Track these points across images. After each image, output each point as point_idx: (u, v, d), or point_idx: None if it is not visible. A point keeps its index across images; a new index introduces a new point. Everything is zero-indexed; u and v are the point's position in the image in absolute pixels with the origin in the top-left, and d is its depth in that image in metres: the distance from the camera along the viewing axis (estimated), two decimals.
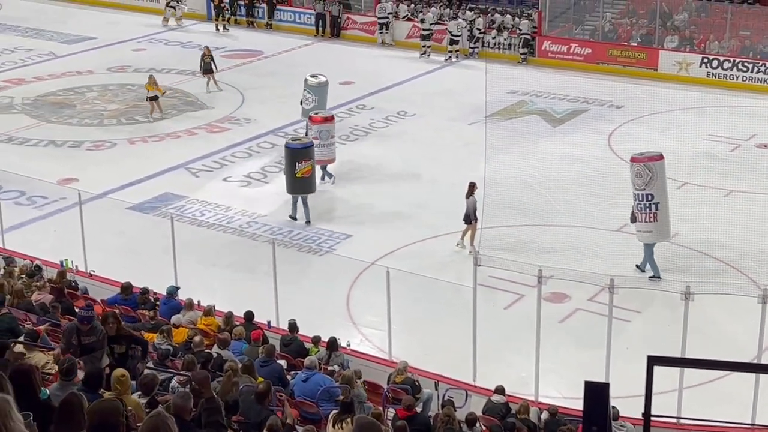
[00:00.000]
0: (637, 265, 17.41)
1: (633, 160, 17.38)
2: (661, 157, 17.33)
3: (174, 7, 36.04)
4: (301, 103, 24.16)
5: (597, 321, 14.68)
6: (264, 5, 36.06)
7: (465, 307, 14.29)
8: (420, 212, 19.97)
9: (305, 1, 36.21)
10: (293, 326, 14.04)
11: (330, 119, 21.72)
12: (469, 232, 18.28)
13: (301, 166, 19.67)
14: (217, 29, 35.69)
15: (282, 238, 18.58)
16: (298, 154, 19.71)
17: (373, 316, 15.78)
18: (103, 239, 17.99)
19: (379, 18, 33.60)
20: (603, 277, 14.31)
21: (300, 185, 19.81)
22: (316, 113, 22.03)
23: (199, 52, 29.45)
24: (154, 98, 26.01)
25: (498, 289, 16.34)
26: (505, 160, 20.55)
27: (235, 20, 36.31)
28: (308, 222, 19.71)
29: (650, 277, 17.10)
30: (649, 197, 17.10)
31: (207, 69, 28.53)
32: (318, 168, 20.69)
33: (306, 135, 22.25)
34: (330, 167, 21.68)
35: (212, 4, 36.45)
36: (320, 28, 34.80)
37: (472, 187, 18.26)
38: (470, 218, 18.17)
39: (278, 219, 19.73)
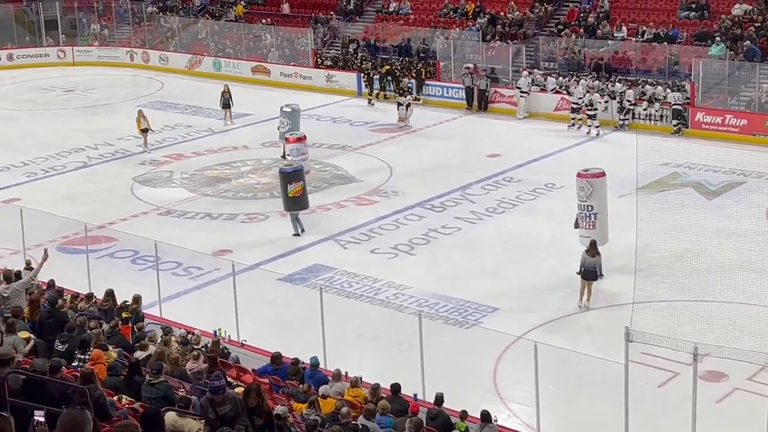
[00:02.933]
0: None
1: (578, 175, 20.52)
2: (602, 174, 20.49)
3: (407, 106, 33.30)
4: (278, 128, 29.82)
5: (757, 402, 14.01)
6: (413, 80, 36.69)
7: (616, 384, 13.89)
8: (569, 286, 19.63)
9: (453, 76, 36.67)
10: (440, 399, 13.94)
11: (302, 139, 27.08)
12: (587, 290, 18.75)
13: (292, 187, 23.23)
14: (369, 103, 36.49)
15: (428, 310, 18.56)
16: (289, 176, 23.29)
17: (521, 391, 15.52)
18: (254, 309, 18.39)
19: (521, 91, 33.72)
20: (763, 355, 13.68)
21: (294, 203, 23.41)
22: (291, 134, 27.50)
23: (351, 126, 30.41)
24: (145, 131, 30.64)
25: (651, 366, 15.83)
26: (657, 234, 20.04)
27: (384, 95, 37.05)
28: (302, 231, 23.25)
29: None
30: (590, 208, 20.17)
31: (226, 104, 34.17)
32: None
33: (283, 155, 27.71)
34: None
35: (362, 81, 37.34)
36: (470, 102, 35.10)
37: (593, 245, 18.95)
38: (596, 275, 18.80)
39: (425, 290, 19.77)
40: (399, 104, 33.45)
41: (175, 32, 45.89)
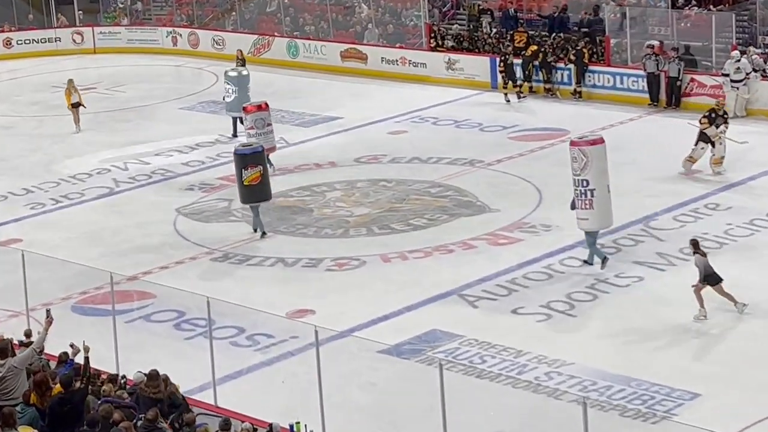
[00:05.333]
0: (584, 260, 23.78)
1: (571, 144, 23.79)
2: (600, 140, 23.51)
3: (717, 138, 28.43)
4: (223, 98, 34.10)
5: None
6: (571, 66, 36.53)
7: None
8: None
9: (630, 59, 36.37)
10: None
11: (264, 107, 30.08)
12: (718, 293, 20.92)
13: (248, 173, 25.87)
14: (507, 100, 36.56)
15: (597, 397, 18.38)
16: (246, 159, 26.08)
17: None
18: (346, 394, 18.48)
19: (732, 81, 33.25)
20: None
21: (250, 193, 26.21)
22: (250, 103, 30.81)
23: (482, 133, 30.52)
24: (77, 105, 34.93)
25: None
26: None
27: (530, 88, 36.99)
28: (263, 234, 26.29)
29: (590, 263, 23.65)
30: (585, 183, 23.15)
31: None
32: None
33: (234, 133, 33.62)
34: (273, 156, 29.88)
35: (498, 68, 37.30)
36: (654, 96, 34.80)
37: (696, 245, 21.32)
38: (714, 278, 20.90)
39: (591, 368, 19.55)
40: (700, 143, 28.60)
41: (235, 4, 46.71)
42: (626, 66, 36.37)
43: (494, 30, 39.80)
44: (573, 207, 23.78)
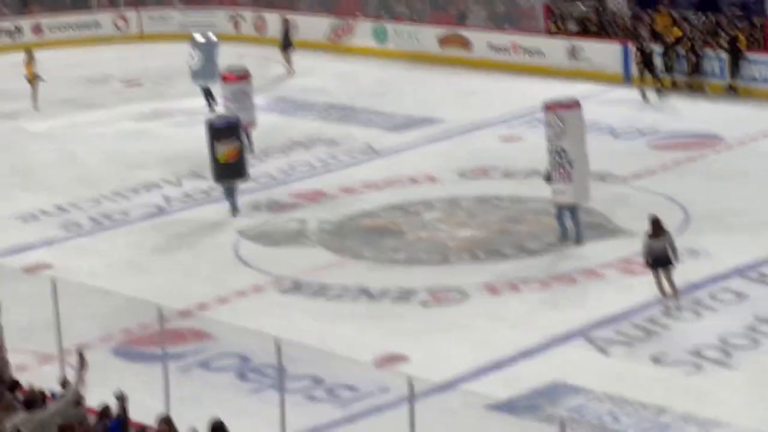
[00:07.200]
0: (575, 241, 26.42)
1: (546, 108, 26.01)
2: (576, 104, 25.96)
3: None
4: (189, 66, 37.46)
5: None
6: (724, 55, 36.14)
7: None
8: None
9: None
10: None
11: (245, 77, 32.71)
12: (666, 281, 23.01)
13: (224, 148, 28.62)
14: (643, 97, 36.40)
15: None
16: (220, 132, 28.76)
17: None
18: None
19: None
20: None
21: (225, 171, 29.01)
22: (230, 72, 33.25)
23: (613, 139, 30.65)
24: (37, 78, 38.52)
25: None
26: None
27: (673, 81, 36.66)
28: (236, 211, 29.27)
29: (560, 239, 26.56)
30: (561, 153, 25.49)
31: (288, 43, 41.14)
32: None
33: (209, 104, 37.02)
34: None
35: (633, 57, 37.11)
36: None
37: (656, 223, 23.05)
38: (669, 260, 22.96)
39: (751, 430, 19.20)
40: None
41: None
42: None
43: (629, 10, 39.56)
44: (548, 179, 26.45)
